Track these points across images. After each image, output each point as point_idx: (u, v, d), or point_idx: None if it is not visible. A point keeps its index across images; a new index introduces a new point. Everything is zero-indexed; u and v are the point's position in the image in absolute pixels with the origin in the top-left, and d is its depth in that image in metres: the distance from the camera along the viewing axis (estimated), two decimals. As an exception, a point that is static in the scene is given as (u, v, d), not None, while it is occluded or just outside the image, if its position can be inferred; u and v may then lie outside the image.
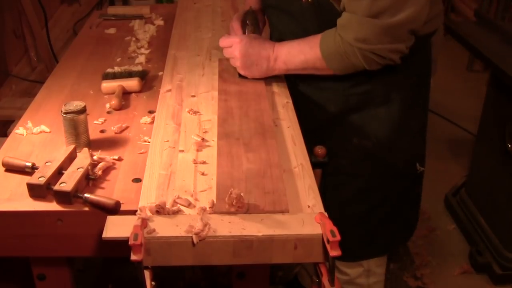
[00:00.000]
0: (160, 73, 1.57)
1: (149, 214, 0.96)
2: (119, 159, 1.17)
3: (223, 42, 1.44)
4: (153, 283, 0.91)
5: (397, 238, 1.63)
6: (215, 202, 1.00)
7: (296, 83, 1.46)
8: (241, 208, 0.98)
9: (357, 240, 1.52)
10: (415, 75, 1.42)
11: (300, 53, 1.34)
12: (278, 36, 1.50)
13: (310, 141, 1.29)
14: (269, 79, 1.48)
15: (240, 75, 1.43)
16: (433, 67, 1.49)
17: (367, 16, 1.22)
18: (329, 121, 1.46)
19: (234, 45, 1.39)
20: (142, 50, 1.75)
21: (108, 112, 1.38)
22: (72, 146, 1.14)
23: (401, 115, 1.41)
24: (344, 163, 1.46)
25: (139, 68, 1.60)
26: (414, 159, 1.48)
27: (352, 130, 1.44)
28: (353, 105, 1.42)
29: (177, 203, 1.00)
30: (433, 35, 1.41)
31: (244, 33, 1.48)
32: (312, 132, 1.36)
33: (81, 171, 1.06)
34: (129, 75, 1.52)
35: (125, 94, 1.46)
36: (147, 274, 0.91)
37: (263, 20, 1.62)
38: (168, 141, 1.20)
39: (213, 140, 1.20)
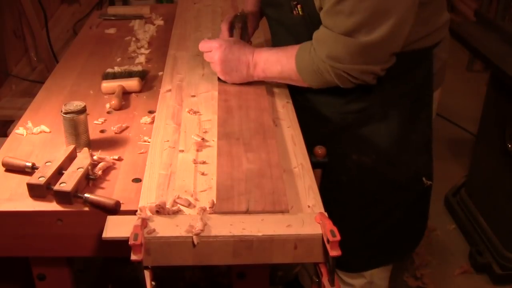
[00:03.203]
0: (160, 73, 1.57)
1: (149, 214, 0.96)
2: (119, 159, 1.17)
3: (203, 46, 1.40)
4: (153, 283, 0.91)
5: (402, 249, 1.59)
6: (215, 202, 1.00)
7: (294, 98, 1.42)
8: None
9: (360, 252, 1.48)
10: (415, 89, 1.37)
11: (277, 63, 1.32)
12: (276, 45, 1.46)
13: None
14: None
15: (219, 79, 1.43)
16: (437, 79, 1.43)
17: (342, 34, 1.18)
18: (327, 137, 1.41)
19: (214, 50, 1.36)
20: (142, 50, 1.75)
21: (108, 112, 1.38)
22: (72, 146, 1.14)
23: (401, 130, 1.37)
24: (344, 179, 1.43)
25: (139, 68, 1.60)
26: (420, 174, 1.43)
27: (351, 147, 1.40)
28: (350, 122, 1.38)
29: (177, 203, 1.00)
30: (436, 47, 1.35)
31: (231, 36, 1.46)
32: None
33: (81, 171, 1.06)
34: (129, 75, 1.52)
35: (125, 94, 1.46)
36: (147, 274, 0.91)
37: (254, 25, 1.60)
38: (168, 141, 1.20)
39: (213, 140, 1.20)
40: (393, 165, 1.39)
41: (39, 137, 1.26)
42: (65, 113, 1.17)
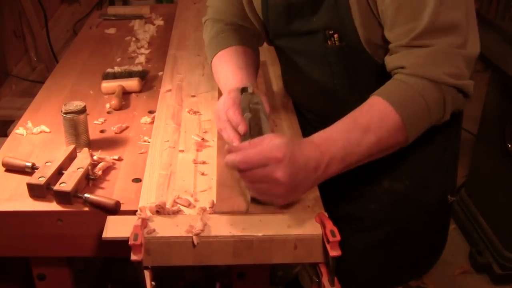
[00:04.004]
0: (160, 73, 1.57)
1: (149, 214, 0.96)
2: (119, 159, 1.17)
3: (249, 161, 0.91)
4: (153, 283, 0.91)
5: (422, 267, 1.46)
6: (215, 202, 1.00)
7: (318, 128, 1.06)
8: None
9: (378, 273, 1.37)
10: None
11: (367, 133, 0.98)
12: (295, 76, 1.31)
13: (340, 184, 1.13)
14: (269, 79, 1.48)
15: (255, 200, 0.98)
16: None
17: (456, 48, 1.00)
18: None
19: (274, 165, 0.90)
20: (142, 50, 1.75)
21: (108, 112, 1.38)
22: (72, 146, 1.14)
23: (435, 153, 1.25)
24: (373, 207, 1.28)
25: (139, 68, 1.60)
26: (447, 192, 1.31)
27: (383, 174, 1.24)
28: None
29: (177, 203, 1.00)
30: None
31: (248, 128, 1.06)
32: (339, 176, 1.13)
33: (81, 171, 1.06)
34: (129, 75, 1.52)
35: (125, 94, 1.46)
36: (147, 274, 0.91)
37: (267, 100, 1.18)
38: (168, 141, 1.20)
39: (213, 140, 1.20)
40: (425, 188, 1.27)
41: (39, 137, 1.26)
42: (65, 113, 1.17)
